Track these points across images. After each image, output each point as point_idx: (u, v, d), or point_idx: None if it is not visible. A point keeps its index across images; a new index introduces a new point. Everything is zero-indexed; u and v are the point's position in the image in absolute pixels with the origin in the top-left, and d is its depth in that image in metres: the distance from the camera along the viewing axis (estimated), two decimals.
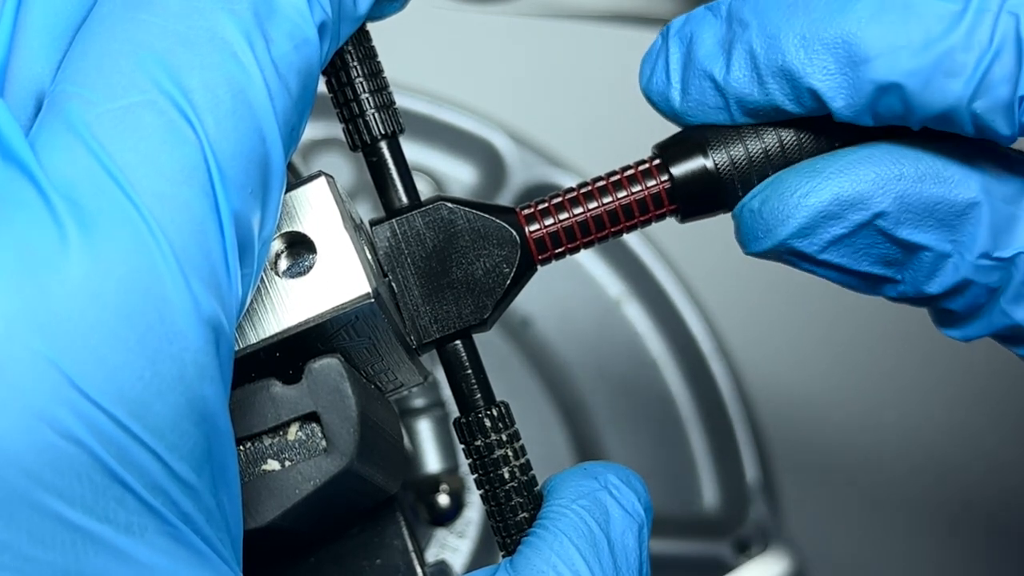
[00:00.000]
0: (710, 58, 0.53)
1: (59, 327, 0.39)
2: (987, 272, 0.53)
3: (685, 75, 0.54)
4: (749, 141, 0.54)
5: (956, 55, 0.49)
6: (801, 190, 0.52)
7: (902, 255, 0.53)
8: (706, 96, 0.54)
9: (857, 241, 0.53)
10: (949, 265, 0.53)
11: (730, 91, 0.53)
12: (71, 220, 0.40)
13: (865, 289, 0.55)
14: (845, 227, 0.52)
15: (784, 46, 0.51)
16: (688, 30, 0.54)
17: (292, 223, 0.51)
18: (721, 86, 0.53)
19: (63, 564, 0.40)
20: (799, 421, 1.01)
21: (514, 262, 0.55)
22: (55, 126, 0.41)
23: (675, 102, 0.54)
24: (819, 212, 0.52)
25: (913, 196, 0.52)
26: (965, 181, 0.52)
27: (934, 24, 0.49)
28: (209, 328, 0.42)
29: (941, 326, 0.57)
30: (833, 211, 0.52)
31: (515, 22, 1.07)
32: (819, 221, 0.52)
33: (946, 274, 0.53)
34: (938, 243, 0.53)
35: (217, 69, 0.43)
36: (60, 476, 0.39)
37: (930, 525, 0.99)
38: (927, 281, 0.54)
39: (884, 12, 0.50)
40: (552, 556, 0.51)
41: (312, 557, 0.58)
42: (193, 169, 0.42)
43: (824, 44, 0.51)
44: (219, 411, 0.43)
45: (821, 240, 0.53)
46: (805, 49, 0.51)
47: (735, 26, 0.53)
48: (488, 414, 0.54)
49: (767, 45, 0.52)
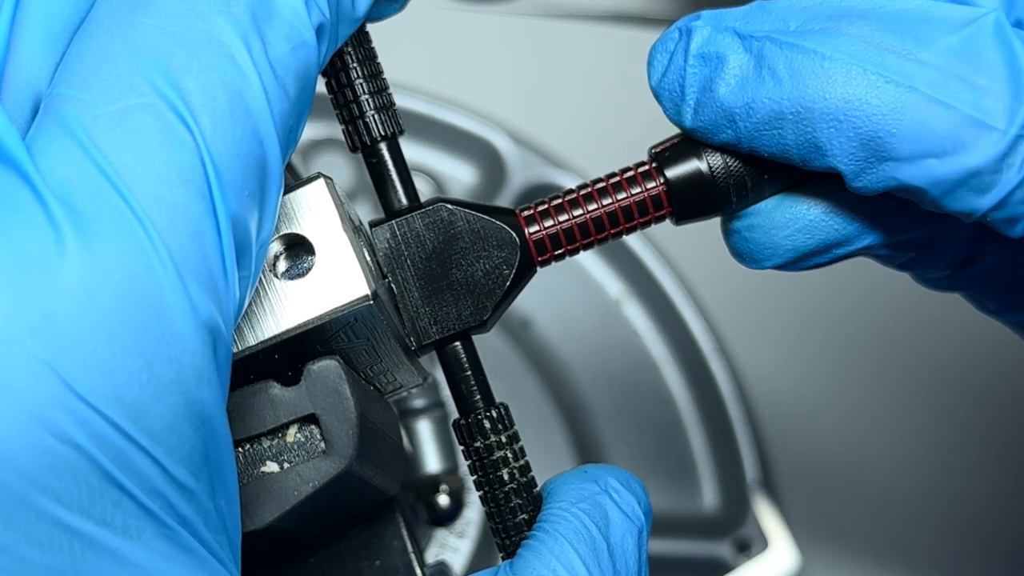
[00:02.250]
0: (733, 96, 0.51)
1: (55, 330, 0.39)
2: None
3: (701, 99, 0.52)
4: None
5: (985, 176, 0.49)
6: (787, 230, 0.54)
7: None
8: (718, 127, 0.52)
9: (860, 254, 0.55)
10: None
11: (745, 136, 0.52)
12: (67, 223, 0.40)
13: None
14: (832, 257, 0.54)
15: (815, 121, 0.50)
16: (713, 51, 0.52)
17: (291, 225, 0.51)
18: (739, 129, 0.52)
19: (60, 567, 0.40)
20: (799, 421, 1.01)
21: (514, 263, 0.55)
22: (52, 129, 0.41)
23: (685, 118, 0.53)
24: (806, 251, 0.54)
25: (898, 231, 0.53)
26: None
27: (971, 139, 0.48)
28: (206, 331, 0.42)
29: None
30: (818, 249, 0.54)
31: (515, 22, 1.07)
32: (805, 257, 0.54)
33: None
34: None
35: (214, 72, 0.43)
36: (57, 479, 0.39)
37: (929, 525, 0.99)
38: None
39: (920, 109, 0.49)
40: (552, 560, 0.51)
41: (311, 558, 0.58)
42: (190, 172, 0.42)
43: (857, 132, 0.49)
44: (217, 414, 0.43)
45: (814, 263, 0.54)
46: (836, 130, 0.50)
47: (766, 73, 0.51)
48: (488, 416, 0.54)
49: (797, 115, 0.50)
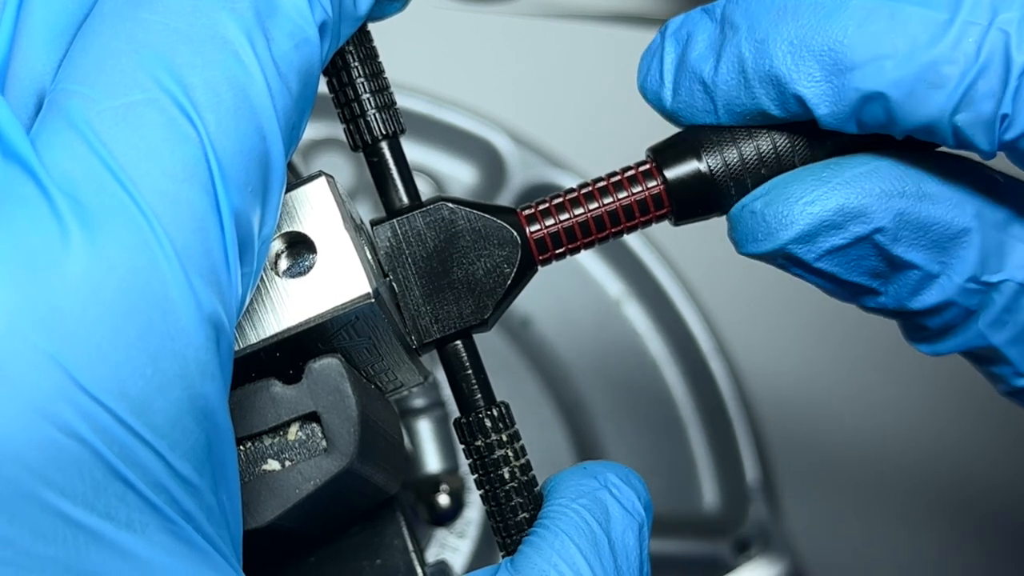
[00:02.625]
0: (701, 60, 0.54)
1: (61, 323, 0.39)
2: (970, 295, 0.54)
3: (677, 76, 0.54)
4: (743, 144, 0.54)
5: (941, 67, 0.49)
6: (807, 197, 0.52)
7: (890, 270, 0.54)
8: (695, 98, 0.54)
9: (852, 252, 0.53)
10: (935, 285, 0.54)
11: (718, 94, 0.53)
12: (72, 217, 0.40)
13: (845, 297, 0.56)
14: (844, 238, 0.53)
15: (772, 51, 0.52)
16: (684, 31, 0.55)
17: (292, 223, 0.51)
18: (709, 88, 0.53)
19: (64, 560, 0.40)
20: (799, 421, 1.01)
21: (515, 262, 0.55)
22: (56, 124, 0.41)
23: (667, 102, 0.55)
24: (822, 221, 0.52)
25: (912, 214, 0.52)
26: (961, 205, 0.53)
27: (920, 34, 0.49)
28: (210, 325, 0.42)
29: (911, 340, 0.58)
30: (836, 221, 0.52)
31: (515, 22, 1.07)
32: (821, 229, 0.52)
33: (931, 293, 0.54)
34: (928, 263, 0.53)
35: (218, 67, 0.43)
36: (62, 472, 0.39)
37: (929, 525, 0.99)
38: (911, 298, 0.54)
39: (871, 21, 0.50)
40: (553, 555, 0.51)
41: (312, 557, 0.58)
42: (194, 167, 0.42)
43: (811, 51, 0.51)
44: (220, 409, 0.43)
45: (819, 248, 0.53)
46: (792, 55, 0.51)
47: (727, 29, 0.53)
48: (488, 414, 0.54)
49: (755, 50, 0.52)
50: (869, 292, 0.55)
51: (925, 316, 0.55)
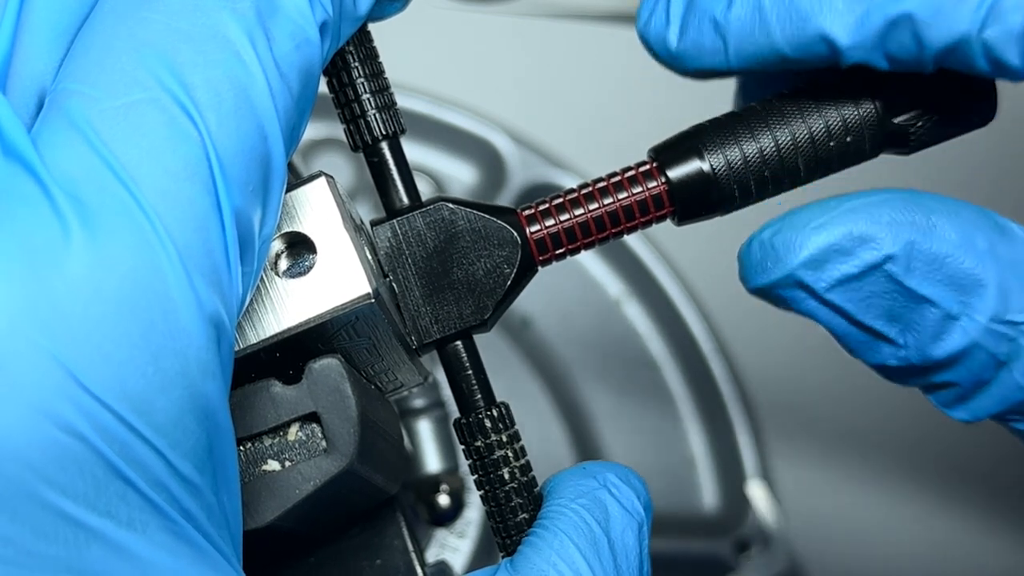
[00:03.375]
0: (714, 1, 0.52)
1: (62, 323, 0.39)
2: (997, 339, 0.52)
3: (686, 16, 0.53)
4: (745, 143, 0.54)
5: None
6: (815, 222, 0.52)
7: (908, 310, 0.52)
8: (704, 37, 0.53)
9: (865, 286, 0.52)
10: (957, 328, 0.52)
11: (730, 31, 0.52)
12: (74, 216, 0.40)
13: (865, 350, 0.54)
14: (855, 266, 0.52)
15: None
16: None
17: (292, 223, 0.51)
18: (721, 26, 0.52)
19: (65, 558, 0.40)
20: (799, 421, 1.01)
21: (515, 263, 0.55)
22: (57, 123, 0.42)
23: (671, 43, 0.53)
24: (831, 245, 0.52)
25: (923, 245, 0.52)
26: (973, 239, 0.52)
27: None
28: (211, 325, 0.42)
29: (945, 406, 0.55)
30: (845, 246, 0.52)
31: (515, 22, 1.07)
32: (830, 255, 0.52)
33: (953, 337, 0.52)
34: (946, 300, 0.52)
35: (219, 67, 0.43)
36: (63, 471, 0.39)
37: (931, 525, 0.99)
38: (932, 343, 0.52)
39: None
40: (552, 555, 0.51)
41: (312, 557, 0.58)
42: (195, 166, 0.42)
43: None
44: (220, 408, 0.43)
45: (830, 277, 0.52)
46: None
47: None
48: (488, 415, 0.54)
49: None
50: (888, 342, 0.53)
51: (952, 368, 0.53)
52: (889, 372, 0.55)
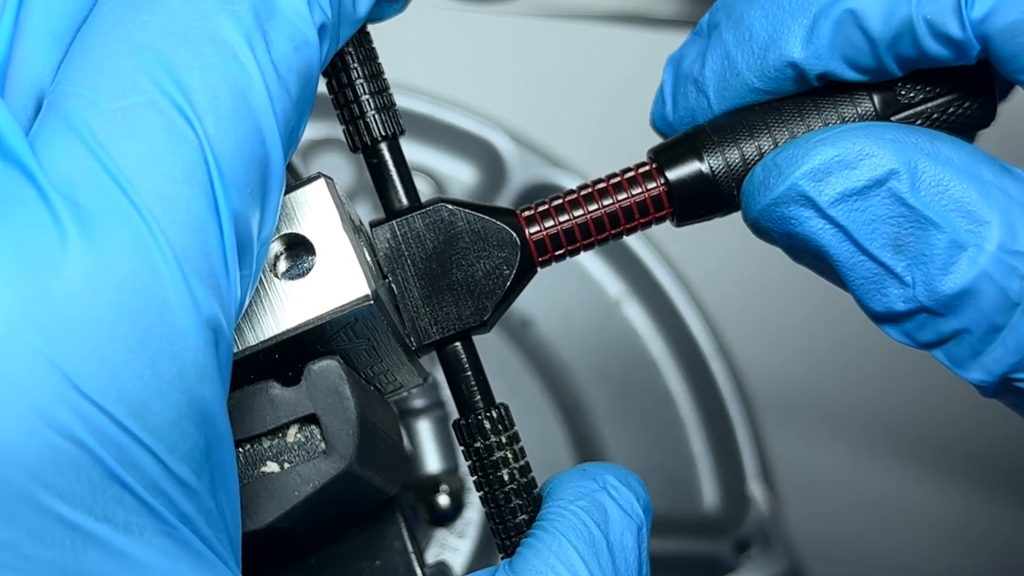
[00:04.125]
0: (691, 65, 0.56)
1: (59, 326, 0.39)
2: (1008, 273, 0.51)
3: (674, 90, 0.57)
4: (744, 144, 0.54)
5: None
6: (818, 137, 0.53)
7: (915, 238, 0.52)
8: (690, 99, 0.56)
9: (870, 207, 0.52)
10: (965, 257, 0.51)
11: (708, 85, 0.55)
12: (71, 219, 0.40)
13: (872, 293, 0.53)
14: (859, 179, 0.52)
15: (748, 22, 0.54)
16: (678, 54, 0.57)
17: (291, 225, 0.51)
18: (700, 83, 0.55)
19: (62, 562, 0.40)
20: (799, 421, 1.01)
21: (514, 264, 0.55)
22: (55, 126, 0.41)
23: (669, 116, 0.57)
24: (834, 156, 0.52)
25: (927, 167, 0.51)
26: (978, 167, 0.52)
27: None
28: (208, 328, 0.42)
29: (958, 366, 0.54)
30: (849, 159, 0.52)
31: (515, 22, 1.07)
32: (833, 166, 0.52)
33: (962, 268, 0.51)
34: (952, 225, 0.51)
35: (217, 70, 0.43)
36: (60, 475, 0.39)
37: (930, 525, 0.99)
38: (941, 276, 0.51)
39: None
40: (551, 557, 0.51)
41: (312, 558, 0.58)
42: (193, 169, 0.42)
43: (780, 7, 0.53)
44: (218, 412, 0.43)
45: (834, 189, 0.52)
46: (766, 17, 0.54)
47: (711, 30, 0.56)
48: (488, 416, 0.54)
49: (735, 29, 0.54)
50: (894, 277, 0.52)
51: (963, 310, 0.52)
52: (898, 321, 0.54)
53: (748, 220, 0.54)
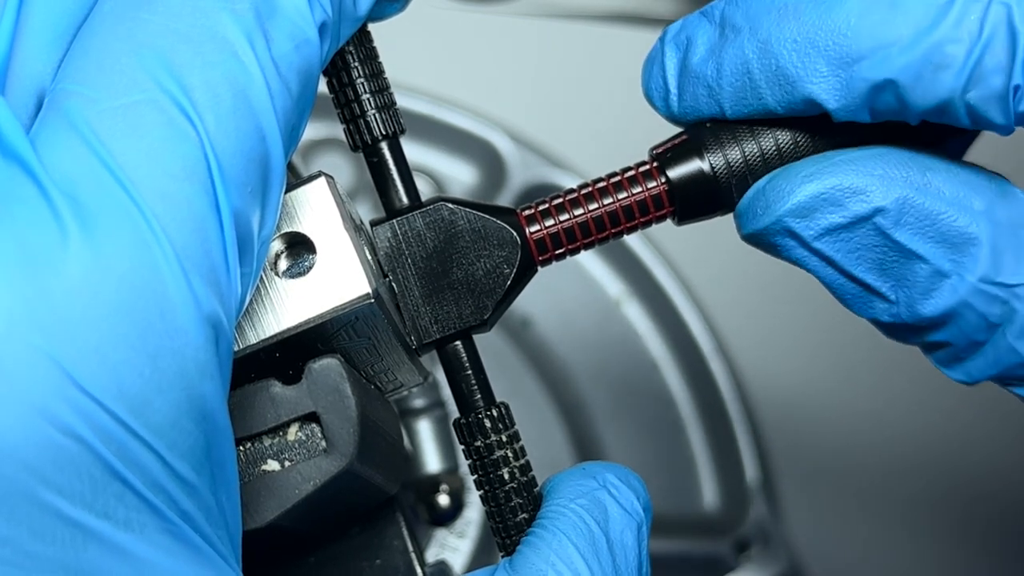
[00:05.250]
0: (703, 64, 0.54)
1: (59, 324, 0.39)
2: (988, 300, 0.52)
3: (681, 80, 0.55)
4: (745, 142, 0.54)
5: (945, 47, 0.49)
6: (806, 171, 0.52)
7: (898, 265, 0.53)
8: (700, 102, 0.54)
9: (854, 238, 0.52)
10: (947, 285, 0.52)
11: (724, 96, 0.53)
12: (72, 217, 0.40)
13: (859, 304, 0.54)
14: (844, 216, 0.52)
15: (777, 51, 0.52)
16: (684, 36, 0.55)
17: (292, 223, 0.51)
18: (715, 91, 0.53)
19: (63, 559, 0.40)
20: (799, 421, 1.01)
21: (515, 263, 0.55)
22: (56, 124, 0.42)
23: (673, 107, 0.55)
24: (820, 194, 0.52)
25: (916, 201, 0.52)
26: (969, 199, 0.52)
27: (922, 18, 0.49)
28: (209, 325, 0.42)
29: (940, 363, 0.56)
30: (835, 196, 0.52)
31: (515, 22, 1.07)
32: (819, 204, 0.52)
33: (943, 295, 0.52)
34: (936, 257, 0.52)
35: (218, 68, 0.43)
36: (60, 472, 0.39)
37: (930, 525, 0.99)
38: (922, 300, 0.53)
39: (872, 10, 0.50)
40: (551, 555, 0.51)
41: (312, 557, 0.58)
42: (193, 167, 0.42)
43: (815, 48, 0.51)
44: (219, 409, 0.43)
45: (818, 225, 0.52)
46: (798, 53, 0.51)
47: (727, 31, 0.53)
48: (488, 415, 0.54)
49: (760, 51, 0.52)
50: (879, 296, 0.53)
51: (943, 327, 0.53)
52: (883, 327, 0.55)
53: (741, 236, 0.55)
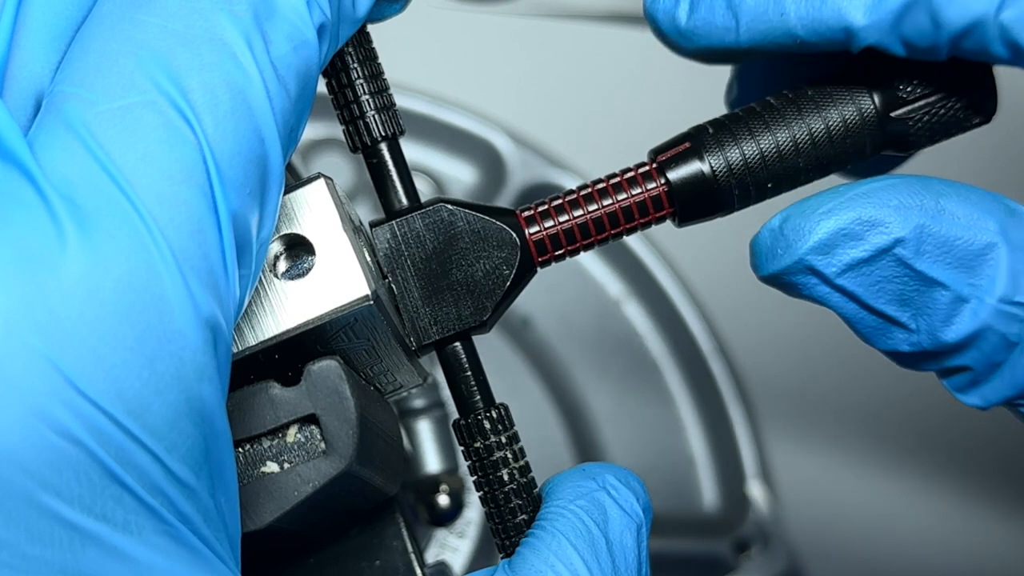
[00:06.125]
0: None
1: (57, 326, 0.39)
2: (1008, 320, 0.52)
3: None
4: (745, 143, 0.54)
5: None
6: (824, 207, 0.52)
7: (919, 294, 0.52)
8: (716, 15, 0.53)
9: (876, 271, 0.52)
10: (967, 310, 0.52)
11: (744, 9, 0.52)
12: (69, 219, 0.40)
13: (877, 336, 0.54)
14: (865, 250, 0.52)
15: None
16: None
17: (291, 225, 0.51)
18: (735, 2, 0.52)
19: (61, 562, 0.40)
20: (799, 421, 1.01)
21: (514, 264, 0.55)
22: (54, 126, 0.41)
23: (680, 20, 0.53)
24: (840, 229, 0.52)
25: (933, 228, 0.52)
26: (983, 221, 0.52)
27: None
28: (207, 328, 0.42)
29: (958, 391, 0.55)
30: (855, 231, 0.52)
31: (515, 22, 1.07)
32: (840, 239, 0.52)
33: (964, 320, 0.52)
34: (956, 283, 0.52)
35: (216, 70, 0.43)
36: (58, 474, 0.39)
37: (931, 525, 0.99)
38: (944, 327, 0.52)
39: None
40: (550, 556, 0.51)
41: (312, 558, 0.58)
42: (192, 169, 0.42)
43: None
44: (217, 411, 0.43)
45: (840, 262, 0.52)
46: None
47: None
48: (487, 416, 0.54)
49: None
50: (900, 327, 0.53)
51: (965, 351, 0.53)
52: (902, 358, 0.55)
53: (756, 274, 0.55)
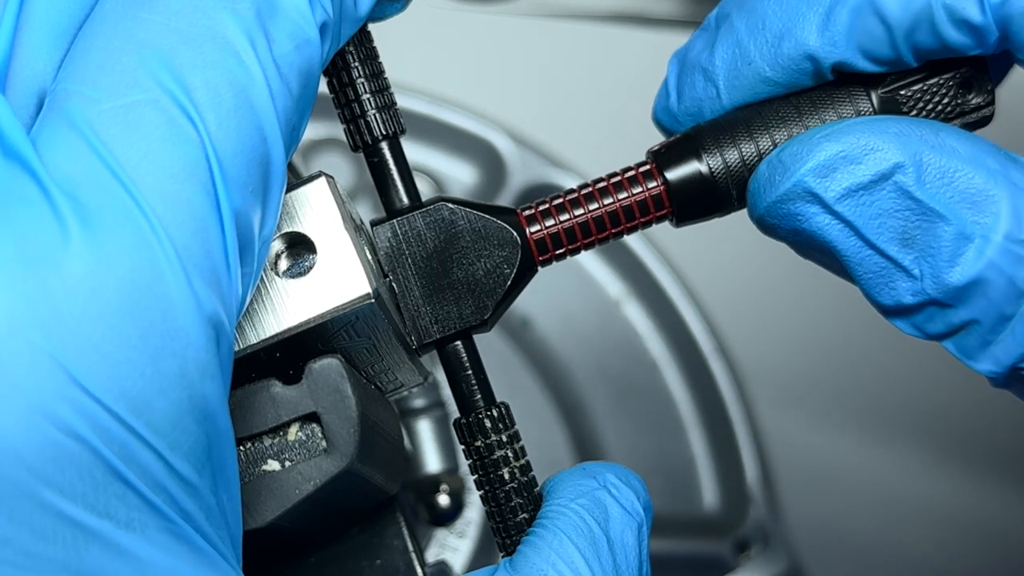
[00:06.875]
0: (699, 55, 0.55)
1: (61, 323, 0.39)
2: (1015, 261, 0.51)
3: (680, 80, 0.56)
4: (743, 144, 0.54)
5: None
6: (822, 132, 0.52)
7: (922, 231, 0.52)
8: (697, 89, 0.55)
9: (876, 201, 0.52)
10: (972, 249, 0.51)
11: (718, 73, 0.54)
12: (73, 217, 0.40)
13: (880, 287, 0.53)
14: (864, 174, 0.51)
15: (763, 13, 0.53)
16: (684, 47, 0.57)
17: (292, 223, 0.51)
18: (709, 71, 0.54)
19: (64, 559, 0.40)
20: (799, 421, 1.01)
21: (515, 263, 0.55)
22: (57, 123, 0.42)
23: (673, 108, 0.56)
24: (839, 152, 0.52)
25: (932, 159, 0.51)
26: (983, 157, 0.52)
27: None
28: (210, 326, 0.42)
29: (968, 357, 0.54)
30: (854, 154, 0.52)
31: (515, 22, 1.07)
32: (839, 162, 0.52)
33: (969, 259, 0.51)
34: (959, 218, 0.51)
35: (219, 68, 0.43)
36: (61, 472, 0.39)
37: (931, 525, 0.99)
38: (948, 267, 0.51)
39: None
40: (552, 555, 0.51)
41: (312, 557, 0.58)
42: (194, 167, 0.42)
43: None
44: (219, 409, 0.43)
45: (840, 185, 0.52)
46: (781, 7, 0.53)
47: (720, 21, 0.55)
48: (488, 415, 0.54)
49: (747, 19, 0.54)
50: (902, 271, 0.52)
51: (972, 301, 0.52)
52: (907, 314, 0.54)
53: (754, 217, 0.54)
